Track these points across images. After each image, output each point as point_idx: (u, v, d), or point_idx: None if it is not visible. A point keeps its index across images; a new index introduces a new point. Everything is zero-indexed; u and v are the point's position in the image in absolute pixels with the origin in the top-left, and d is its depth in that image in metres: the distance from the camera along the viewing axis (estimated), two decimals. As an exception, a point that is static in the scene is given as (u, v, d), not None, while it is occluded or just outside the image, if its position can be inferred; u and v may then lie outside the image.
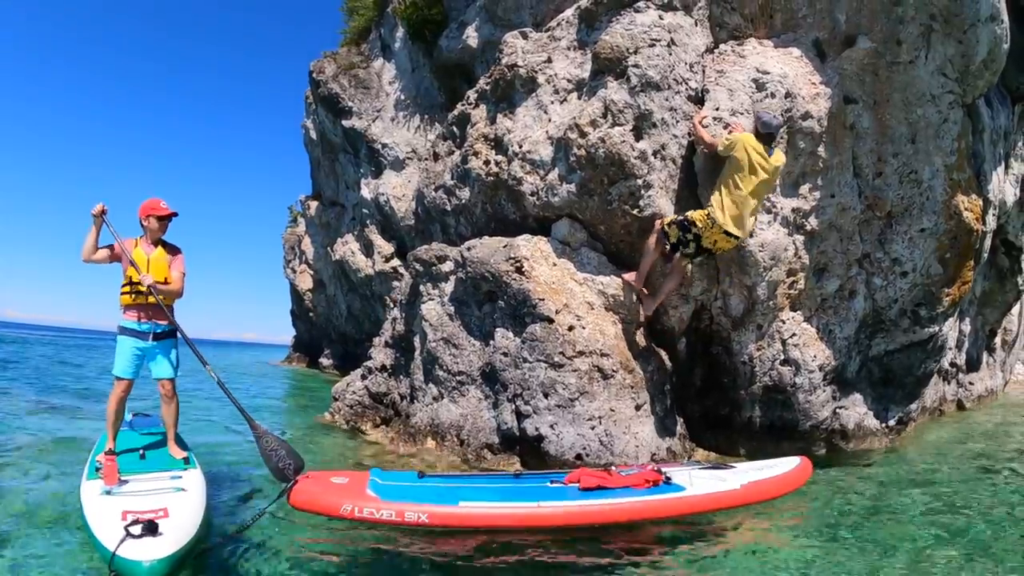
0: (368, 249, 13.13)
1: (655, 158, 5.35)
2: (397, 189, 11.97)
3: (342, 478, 4.04)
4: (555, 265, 5.85)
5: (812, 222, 5.90)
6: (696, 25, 5.61)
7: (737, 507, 4.55)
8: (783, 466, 5.04)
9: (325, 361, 18.78)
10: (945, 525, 4.14)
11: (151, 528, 3.12)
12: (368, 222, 12.75)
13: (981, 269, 7.71)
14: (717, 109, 5.42)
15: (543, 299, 5.57)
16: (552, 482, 4.33)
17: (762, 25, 5.67)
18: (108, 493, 3.83)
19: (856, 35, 5.42)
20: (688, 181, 5.61)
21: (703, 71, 5.64)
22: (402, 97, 11.83)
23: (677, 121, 5.44)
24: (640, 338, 5.93)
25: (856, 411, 6.76)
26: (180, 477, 4.29)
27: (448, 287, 6.63)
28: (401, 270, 12.85)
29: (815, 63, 5.49)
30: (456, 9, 9.27)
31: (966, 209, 5.85)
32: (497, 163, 6.24)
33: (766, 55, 5.52)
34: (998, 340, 8.99)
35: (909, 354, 6.66)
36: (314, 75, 12.87)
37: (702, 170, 5.50)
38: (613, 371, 5.45)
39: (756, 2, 5.65)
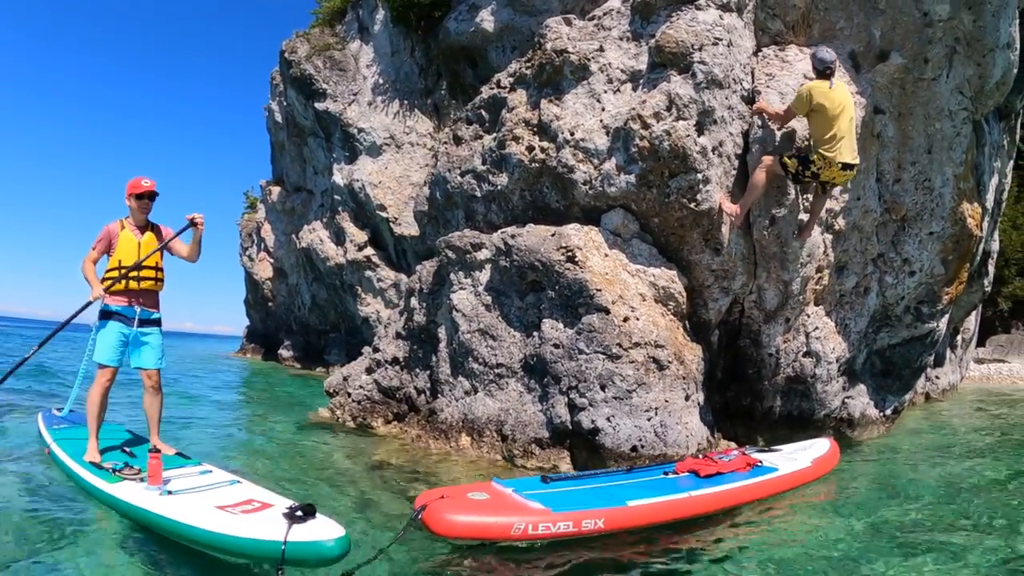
0: (339, 237, 12.90)
1: (713, 154, 5.75)
2: (373, 176, 11.87)
3: (479, 492, 3.71)
4: (607, 256, 6.11)
5: (840, 222, 6.53)
6: (745, 27, 6.08)
7: (812, 481, 5.16)
8: (820, 446, 5.78)
9: (285, 353, 18.37)
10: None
11: (310, 511, 3.10)
12: (340, 209, 12.53)
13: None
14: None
15: (600, 289, 5.81)
16: (666, 473, 4.61)
17: (802, 33, 6.23)
18: (169, 493, 3.69)
19: (890, 51, 6.08)
20: (740, 178, 6.06)
21: (752, 73, 6.12)
22: (380, 81, 11.75)
23: (733, 119, 5.88)
24: (685, 329, 6.32)
25: (861, 401, 7.51)
26: (210, 471, 4.28)
27: (483, 276, 6.73)
28: (375, 259, 12.74)
29: (851, 74, 6.11)
30: (462, -9, 9.37)
31: (969, 216, 6.70)
32: (543, 149, 6.42)
33: (809, 63, 6.07)
34: (959, 339, 10.24)
35: (909, 348, 7.49)
36: (286, 55, 12.52)
37: (755, 168, 5.95)
38: (668, 362, 5.78)
39: (799, 11, 6.20)
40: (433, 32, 10.30)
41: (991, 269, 9.44)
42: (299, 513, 3.05)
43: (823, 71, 5.47)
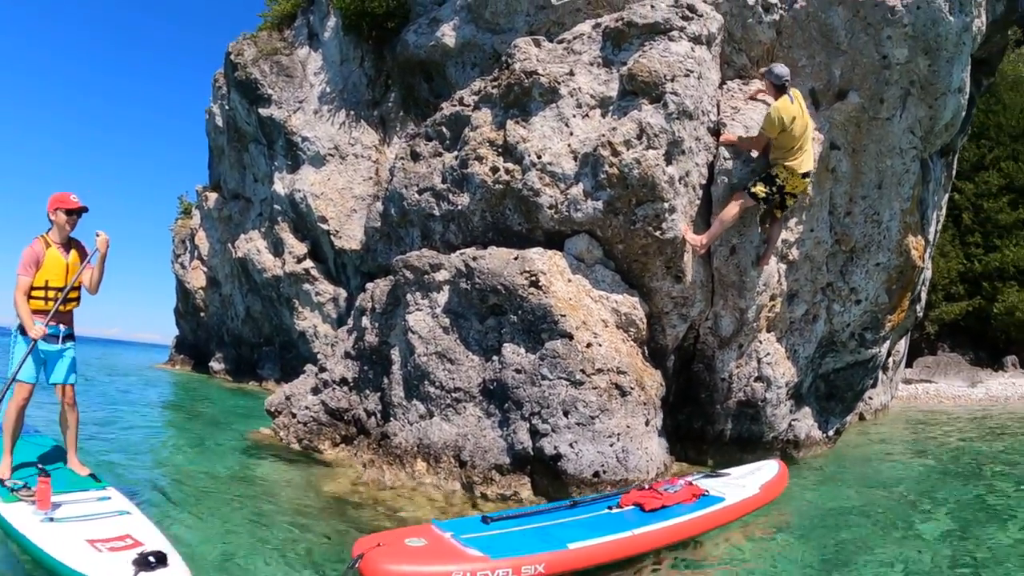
0: (277, 248, 12.64)
1: (680, 184, 5.93)
2: (316, 186, 11.73)
3: (416, 539, 3.67)
4: (570, 281, 6.19)
5: (794, 252, 6.85)
6: (713, 60, 6.30)
7: (761, 508, 5.24)
8: (769, 469, 5.88)
9: (216, 366, 17.95)
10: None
11: (161, 558, 3.12)
12: (280, 219, 12.30)
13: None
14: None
15: (564, 315, 5.89)
16: (610, 507, 4.60)
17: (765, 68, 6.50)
18: (50, 520, 3.71)
19: (848, 90, 6.43)
20: (703, 208, 6.27)
21: (718, 105, 6.35)
22: (328, 90, 11.64)
23: (699, 150, 6.07)
24: (644, 355, 6.48)
25: (806, 423, 7.91)
26: (109, 498, 4.32)
27: (441, 297, 6.70)
28: (314, 272, 12.51)
29: (811, 111, 6.42)
30: (422, 4, 9.30)
31: (913, 248, 7.18)
32: (508, 171, 6.45)
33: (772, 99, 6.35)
34: (890, 361, 10.93)
35: (852, 372, 7.95)
36: (232, 57, 12.18)
37: (719, 199, 6.18)
38: (631, 388, 5.92)
39: (764, 47, 6.48)
40: (389, 43, 10.24)
41: (924, 295, 10.13)
42: (151, 560, 3.06)
43: (780, 86, 5.79)
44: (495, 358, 6.22)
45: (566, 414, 5.71)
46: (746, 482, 5.45)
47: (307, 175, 11.86)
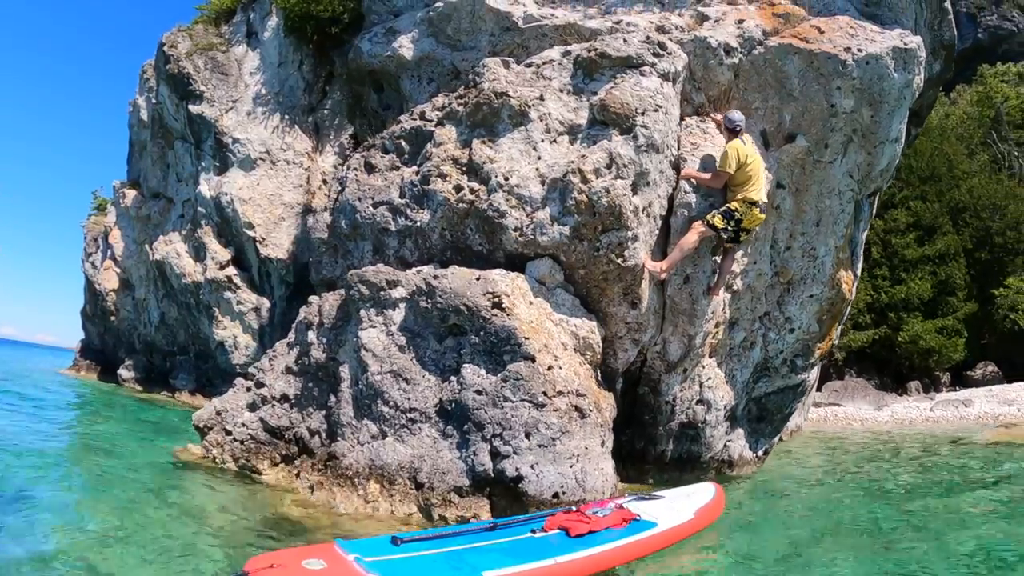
0: (199, 252, 12.27)
1: (643, 213, 6.32)
2: (244, 191, 11.52)
3: (315, 561, 3.41)
4: (531, 304, 6.44)
5: (738, 283, 7.41)
6: (676, 96, 6.76)
7: (695, 534, 5.26)
8: (704, 492, 5.94)
9: (126, 373, 17.18)
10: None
11: None
12: (203, 223, 11.98)
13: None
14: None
15: (528, 338, 6.13)
16: (533, 531, 4.48)
17: (721, 108, 7.03)
18: None
19: (797, 133, 7.06)
20: (661, 238, 6.70)
21: (678, 140, 6.81)
22: (263, 91, 11.51)
23: (662, 183, 6.50)
24: (597, 379, 6.81)
25: (739, 443, 8.53)
26: None
27: (397, 315, 6.77)
28: (237, 280, 12.19)
29: (761, 150, 7.01)
30: (377, 13, 9.33)
31: (844, 282, 7.93)
32: (473, 191, 6.63)
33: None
34: (810, 383, 11.91)
35: (782, 396, 8.63)
36: (165, 49, 11.75)
37: (678, 230, 6.62)
38: (590, 410, 6.23)
39: (721, 87, 7.01)
40: (336, 49, 10.23)
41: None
42: None
43: (733, 130, 6.41)
44: (453, 378, 6.36)
45: (528, 436, 5.93)
46: (680, 506, 5.39)
47: (235, 178, 11.68)
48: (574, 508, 4.83)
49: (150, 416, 12.23)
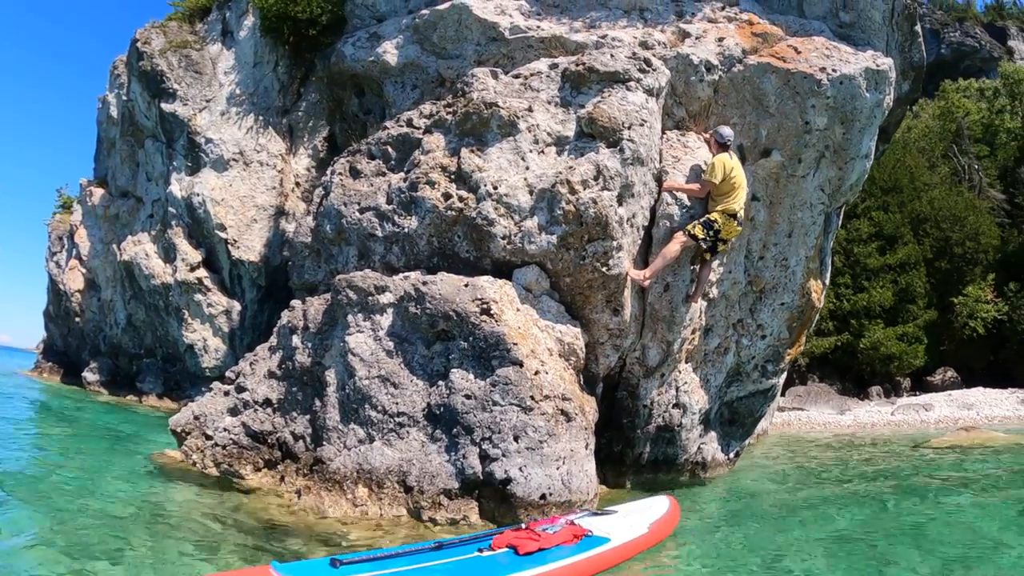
0: (168, 254, 12.25)
1: (627, 224, 6.63)
2: (216, 192, 11.55)
3: None
4: (519, 310, 6.70)
5: (714, 291, 7.77)
6: (659, 111, 7.09)
7: (649, 550, 5.13)
8: (659, 506, 5.88)
9: (90, 376, 16.88)
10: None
11: None
12: (174, 223, 11.97)
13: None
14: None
15: (516, 343, 6.38)
16: (480, 550, 4.36)
17: (701, 122, 7.41)
18: None
19: (772, 149, 7.46)
20: (643, 248, 7.01)
21: (660, 154, 7.14)
22: (238, 92, 11.56)
23: (645, 194, 6.82)
24: (580, 383, 7.09)
25: (712, 446, 8.90)
26: None
27: (385, 320, 6.94)
28: (208, 282, 12.18)
29: (738, 165, 7.38)
30: (360, 17, 9.48)
31: (813, 291, 8.37)
32: (462, 199, 6.85)
33: (705, 150, 7.25)
34: (779, 388, 12.41)
35: (753, 400, 9.04)
36: (139, 45, 11.71)
37: (659, 240, 6.94)
38: (575, 413, 6.50)
39: (702, 103, 7.38)
40: (313, 51, 10.35)
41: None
42: None
43: (723, 144, 6.80)
44: (442, 383, 6.56)
45: (516, 439, 6.16)
46: (634, 520, 5.32)
47: (208, 179, 11.71)
48: (523, 526, 4.77)
49: (118, 420, 12.11)
